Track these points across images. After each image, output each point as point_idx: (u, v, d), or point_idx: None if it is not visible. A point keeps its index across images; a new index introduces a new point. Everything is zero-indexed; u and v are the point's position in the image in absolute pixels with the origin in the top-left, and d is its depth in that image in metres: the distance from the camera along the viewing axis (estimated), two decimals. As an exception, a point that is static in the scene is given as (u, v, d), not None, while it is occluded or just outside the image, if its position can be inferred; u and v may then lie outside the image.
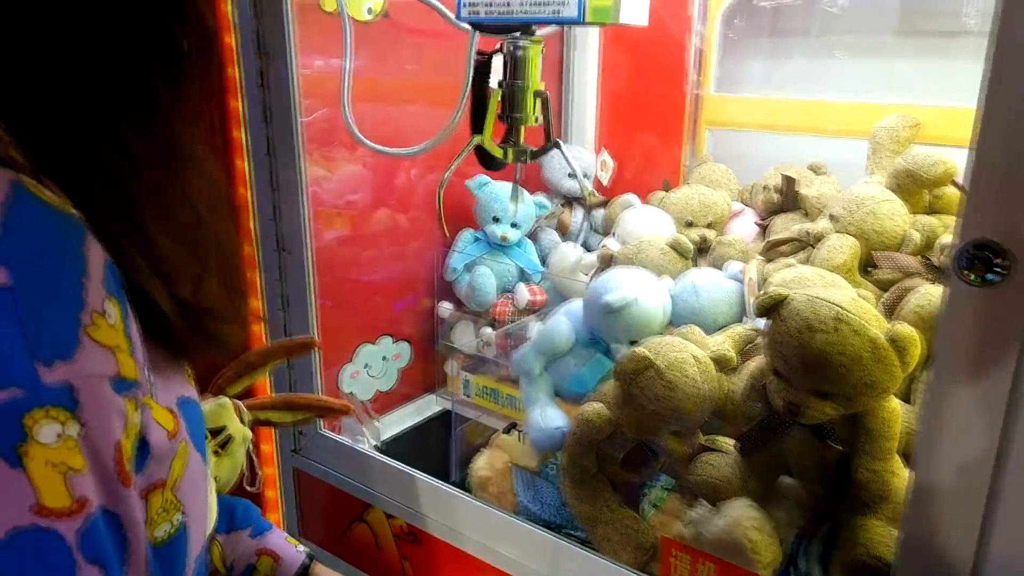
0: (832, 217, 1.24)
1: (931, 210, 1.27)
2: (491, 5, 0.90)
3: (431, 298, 1.64)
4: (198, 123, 0.51)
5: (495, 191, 1.56)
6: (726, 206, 1.55)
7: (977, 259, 0.61)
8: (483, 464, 1.15)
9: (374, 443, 1.41)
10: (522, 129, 0.99)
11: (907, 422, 0.85)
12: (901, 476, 0.80)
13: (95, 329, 0.42)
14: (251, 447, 0.88)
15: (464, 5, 0.91)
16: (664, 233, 1.42)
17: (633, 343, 1.09)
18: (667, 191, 1.63)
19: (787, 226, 1.42)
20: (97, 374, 0.42)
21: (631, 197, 1.61)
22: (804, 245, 1.29)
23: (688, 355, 0.91)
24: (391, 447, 1.49)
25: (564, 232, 1.73)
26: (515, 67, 0.95)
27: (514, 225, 1.57)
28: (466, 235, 1.61)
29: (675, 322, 1.16)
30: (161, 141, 0.49)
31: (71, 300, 0.41)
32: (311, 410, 0.95)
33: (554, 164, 1.71)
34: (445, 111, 1.05)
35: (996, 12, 0.57)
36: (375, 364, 1.57)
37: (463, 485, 1.20)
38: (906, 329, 0.75)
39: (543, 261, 1.64)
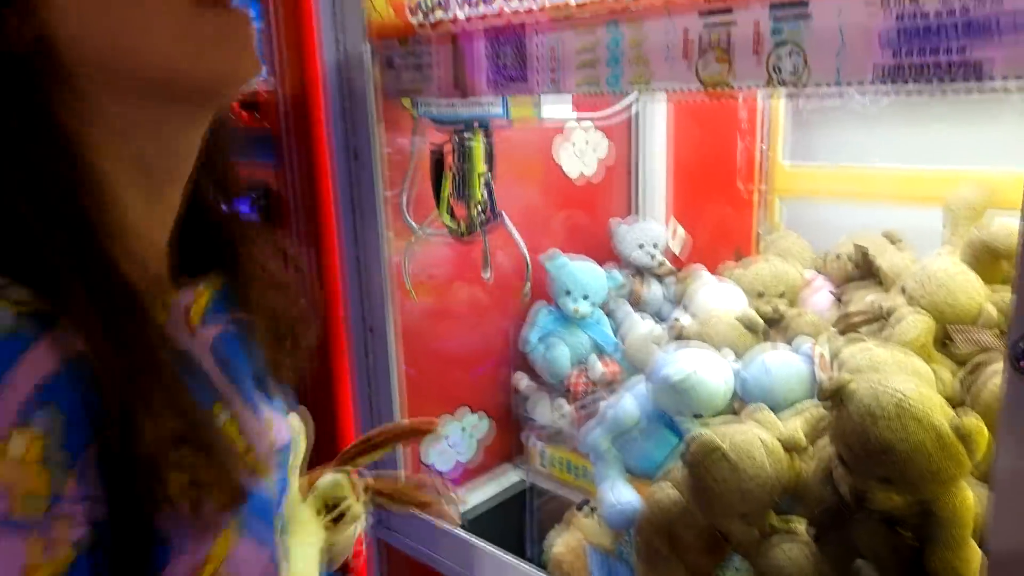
0: (904, 291, 1.22)
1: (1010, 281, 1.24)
2: (441, 107, 1.20)
3: (508, 370, 1.69)
4: None
5: (567, 267, 1.61)
6: (798, 276, 1.55)
7: (1035, 351, 0.62)
8: (559, 542, 1.17)
9: (455, 519, 1.45)
10: (472, 204, 1.29)
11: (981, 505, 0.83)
12: (975, 564, 0.78)
13: None
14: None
15: (419, 105, 1.22)
16: (734, 306, 1.43)
17: (697, 417, 1.10)
18: (738, 261, 1.64)
19: (862, 296, 1.41)
20: None
21: (702, 271, 1.63)
22: (878, 318, 1.28)
23: (755, 438, 0.92)
24: (473, 521, 1.52)
25: (637, 303, 1.75)
26: (463, 154, 1.24)
27: (585, 298, 1.61)
28: (541, 310, 1.66)
29: (746, 400, 1.17)
30: None
31: None
32: (398, 439, 0.98)
33: (625, 237, 1.75)
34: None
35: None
36: (455, 435, 1.62)
37: (540, 560, 1.22)
38: (971, 420, 0.75)
39: (616, 333, 1.66)
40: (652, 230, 1.76)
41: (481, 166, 1.26)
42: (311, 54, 1.20)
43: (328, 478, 0.86)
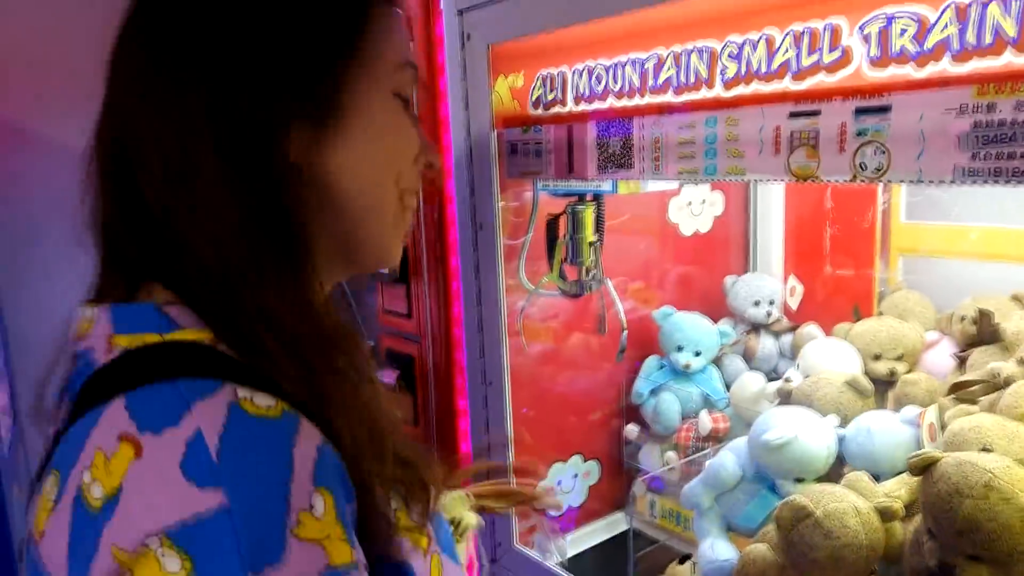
0: (1022, 360, 1.20)
1: None
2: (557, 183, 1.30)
3: (620, 421, 1.76)
4: None
5: (678, 321, 1.67)
6: (918, 338, 1.53)
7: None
8: (660, 590, 1.23)
9: (560, 560, 1.53)
10: (582, 268, 1.43)
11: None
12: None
13: (301, 528, 0.45)
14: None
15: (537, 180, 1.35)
16: (847, 367, 1.44)
17: (799, 480, 1.13)
18: (857, 320, 1.63)
19: (985, 361, 1.37)
20: (305, 572, 0.44)
21: (813, 328, 1.64)
22: (996, 386, 1.26)
23: (849, 505, 0.95)
24: (577, 563, 1.59)
25: (751, 359, 1.77)
26: (575, 224, 1.38)
27: (697, 353, 1.66)
28: (652, 362, 1.72)
29: (851, 465, 1.18)
30: None
31: (278, 507, 0.44)
32: (520, 498, 1.03)
33: (739, 292, 1.78)
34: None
35: None
36: (566, 481, 1.69)
37: (641, 608, 1.27)
38: (1061, 500, 0.76)
39: (728, 388, 1.69)
40: (767, 286, 1.77)
41: (591, 235, 1.37)
42: (445, 139, 1.36)
43: (448, 497, 0.95)
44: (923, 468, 0.85)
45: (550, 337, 1.63)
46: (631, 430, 1.72)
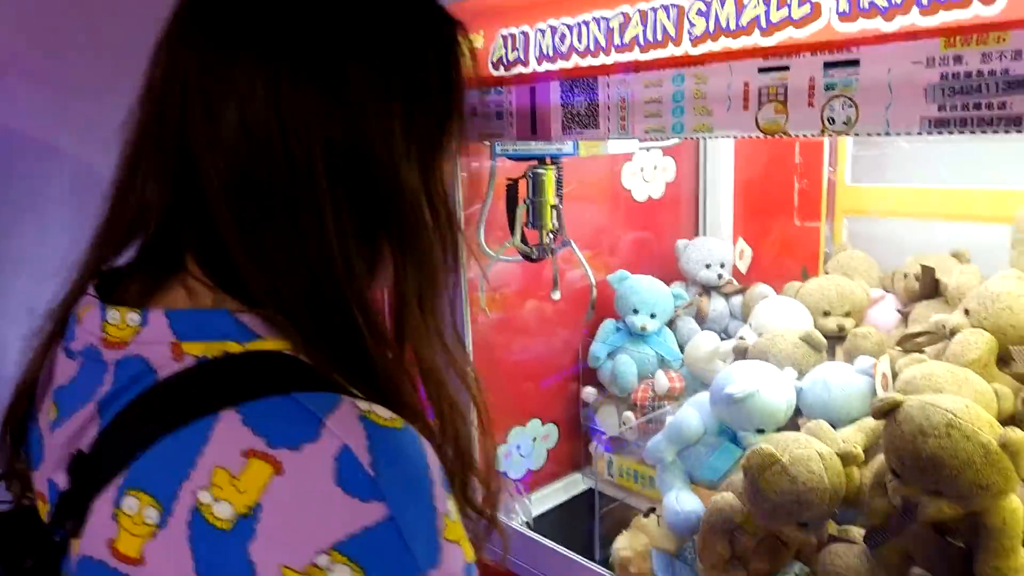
0: (967, 311, 1.26)
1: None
2: (516, 145, 1.34)
3: (576, 383, 1.78)
4: None
5: (634, 284, 1.69)
6: (864, 295, 1.59)
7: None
8: (624, 545, 1.25)
9: (525, 520, 1.55)
10: (544, 232, 1.42)
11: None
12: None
13: (446, 530, 0.47)
14: None
15: (497, 144, 1.36)
16: (799, 324, 1.48)
17: (760, 431, 1.17)
18: (805, 280, 1.68)
19: (927, 315, 1.44)
20: (456, 572, 0.47)
21: (764, 288, 1.68)
22: (941, 336, 1.32)
23: (813, 451, 0.99)
24: (539, 522, 1.61)
25: (703, 320, 1.81)
26: (536, 187, 1.37)
27: (652, 315, 1.69)
28: (608, 325, 1.74)
29: (807, 415, 1.23)
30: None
31: (429, 512, 0.47)
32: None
33: (691, 256, 1.82)
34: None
35: None
36: (525, 444, 1.71)
37: (606, 562, 1.30)
38: (1017, 435, 0.80)
39: (682, 349, 1.73)
40: (717, 249, 1.81)
41: (552, 197, 1.37)
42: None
43: None
44: (886, 412, 0.89)
45: (507, 304, 1.63)
46: (589, 393, 1.75)
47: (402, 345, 0.57)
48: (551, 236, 1.44)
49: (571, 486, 1.76)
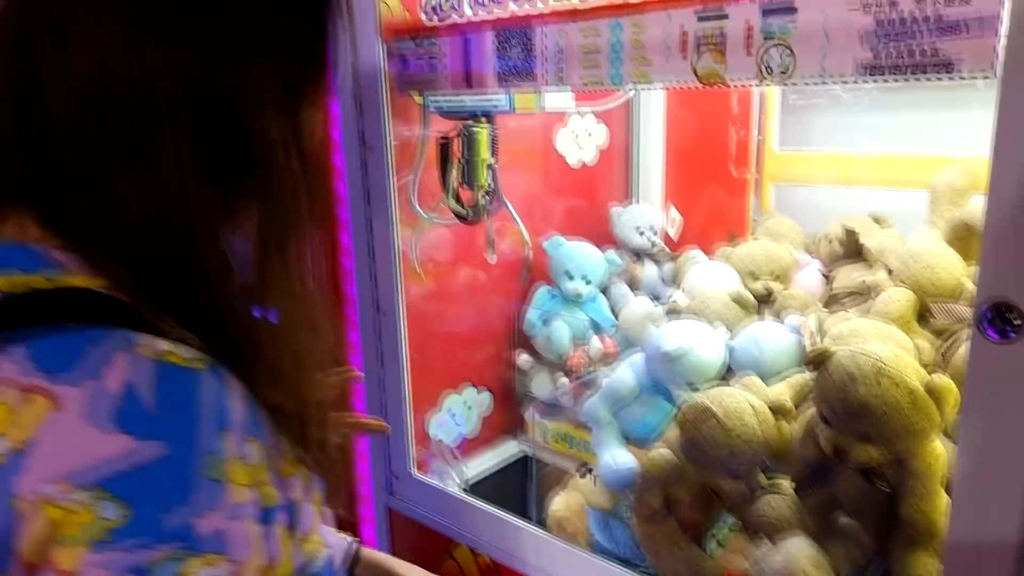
0: (889, 270, 1.30)
1: (988, 260, 1.31)
2: (449, 99, 1.28)
3: (510, 349, 1.76)
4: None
5: (567, 250, 1.68)
6: (790, 258, 1.62)
7: (996, 317, 0.69)
8: (560, 505, 1.25)
9: (460, 484, 1.53)
10: (479, 192, 1.38)
11: (952, 461, 0.91)
12: (943, 509, 0.86)
13: (236, 473, 0.48)
14: None
15: (428, 97, 1.30)
16: (728, 286, 1.51)
17: (694, 388, 1.18)
18: (732, 243, 1.71)
19: (850, 276, 1.48)
20: (243, 515, 0.48)
21: (696, 252, 1.70)
22: (866, 296, 1.36)
23: (746, 404, 1.00)
24: (475, 488, 1.60)
25: (635, 286, 1.82)
26: (469, 145, 1.31)
27: (587, 281, 1.68)
28: (542, 290, 1.73)
29: (737, 371, 1.24)
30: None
31: (216, 454, 0.47)
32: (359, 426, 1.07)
33: (624, 221, 1.82)
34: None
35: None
36: (459, 411, 1.69)
37: (542, 524, 1.30)
38: (942, 380, 0.83)
39: (615, 314, 1.74)
40: (648, 214, 1.82)
41: (486, 154, 1.33)
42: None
43: None
44: (817, 359, 0.90)
45: (440, 267, 1.60)
46: (523, 359, 1.74)
47: (258, 291, 0.56)
48: (487, 197, 1.40)
49: (506, 452, 1.75)
